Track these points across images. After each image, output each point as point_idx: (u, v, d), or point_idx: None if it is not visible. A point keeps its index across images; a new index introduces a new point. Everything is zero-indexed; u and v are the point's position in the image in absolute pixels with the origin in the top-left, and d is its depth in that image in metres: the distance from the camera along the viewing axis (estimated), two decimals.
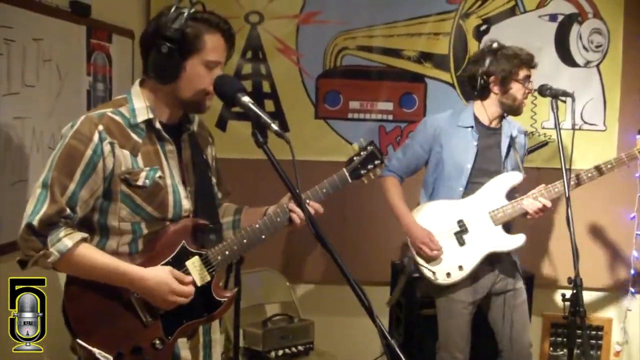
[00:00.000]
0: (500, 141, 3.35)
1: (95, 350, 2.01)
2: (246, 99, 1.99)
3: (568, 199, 2.90)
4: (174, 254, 2.11)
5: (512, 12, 4.30)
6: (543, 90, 3.21)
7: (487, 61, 3.25)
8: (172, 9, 2.04)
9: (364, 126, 4.30)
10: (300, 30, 4.27)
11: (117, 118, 2.06)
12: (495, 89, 3.28)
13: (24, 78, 2.79)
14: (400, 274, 3.51)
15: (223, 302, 2.20)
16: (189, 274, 2.12)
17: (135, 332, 2.08)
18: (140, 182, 2.05)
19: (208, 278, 2.15)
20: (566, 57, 4.25)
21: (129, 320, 2.07)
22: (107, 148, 2.01)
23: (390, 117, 4.34)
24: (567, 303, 2.74)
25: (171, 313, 2.11)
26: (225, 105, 2.22)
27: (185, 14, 2.02)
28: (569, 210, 2.87)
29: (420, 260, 3.27)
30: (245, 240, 2.19)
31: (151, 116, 2.09)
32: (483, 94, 3.31)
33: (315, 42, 4.27)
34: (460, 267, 3.26)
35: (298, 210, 2.23)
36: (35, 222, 1.94)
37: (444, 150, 3.31)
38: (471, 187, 3.30)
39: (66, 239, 1.97)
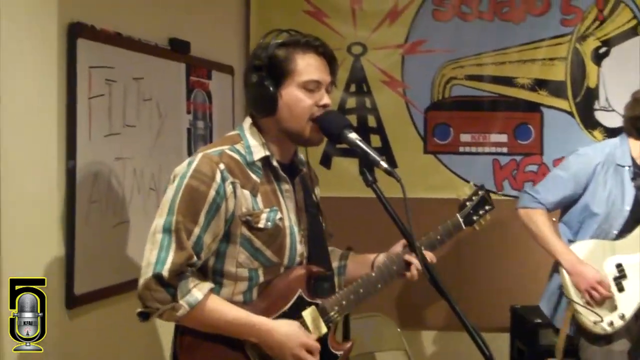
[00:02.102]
0: None
1: None
2: (353, 135, 1.93)
3: None
4: (290, 303, 2.01)
5: (634, 32, 4.08)
6: None
7: None
8: (262, 39, 2.00)
9: (476, 160, 4.17)
10: (406, 60, 4.19)
11: (236, 156, 1.97)
12: None
13: (125, 118, 2.79)
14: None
15: (339, 355, 2.09)
16: (305, 324, 2.01)
17: None
18: (261, 225, 1.95)
19: (324, 330, 2.03)
20: None
21: None
22: (229, 188, 1.91)
23: (505, 150, 4.18)
24: None
25: None
26: (331, 142, 2.14)
27: (273, 40, 1.97)
28: None
29: (580, 305, 3.00)
30: (361, 290, 2.11)
31: (268, 153, 2.01)
32: None
33: (422, 73, 4.18)
34: (622, 316, 3.01)
35: (415, 261, 2.15)
36: (165, 273, 1.83)
37: (602, 188, 3.10)
38: (624, 230, 3.08)
39: (195, 291, 1.87)
